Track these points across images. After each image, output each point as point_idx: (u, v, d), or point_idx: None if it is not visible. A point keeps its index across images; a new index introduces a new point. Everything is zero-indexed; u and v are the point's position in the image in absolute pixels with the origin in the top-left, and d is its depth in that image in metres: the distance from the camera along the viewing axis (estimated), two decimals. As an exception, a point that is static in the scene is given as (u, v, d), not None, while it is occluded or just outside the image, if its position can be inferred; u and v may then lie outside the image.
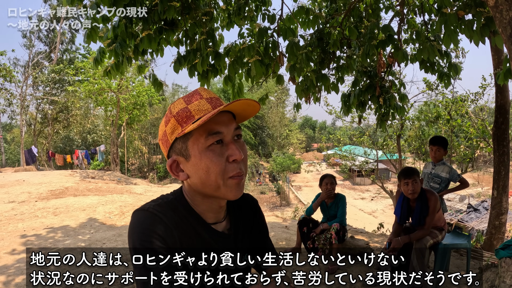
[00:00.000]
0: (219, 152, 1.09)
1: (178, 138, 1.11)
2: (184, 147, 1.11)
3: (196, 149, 1.09)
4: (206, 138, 1.08)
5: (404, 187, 3.81)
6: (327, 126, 77.61)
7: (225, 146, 1.11)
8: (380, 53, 4.83)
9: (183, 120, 1.09)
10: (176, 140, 1.12)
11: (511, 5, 2.60)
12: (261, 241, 1.41)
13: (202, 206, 1.18)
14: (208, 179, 1.10)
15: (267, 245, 1.42)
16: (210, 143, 1.08)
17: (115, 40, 4.27)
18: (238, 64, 4.65)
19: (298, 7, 5.12)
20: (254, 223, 1.39)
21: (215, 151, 1.09)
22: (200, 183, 1.12)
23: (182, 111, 1.10)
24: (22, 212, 8.89)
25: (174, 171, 1.15)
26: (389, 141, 15.13)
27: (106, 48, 4.36)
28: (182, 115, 1.10)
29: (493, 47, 6.36)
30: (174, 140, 1.12)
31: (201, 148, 1.08)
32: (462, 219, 15.06)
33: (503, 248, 3.59)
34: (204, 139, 1.08)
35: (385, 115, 5.75)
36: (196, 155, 1.09)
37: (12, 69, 26.15)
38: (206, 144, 1.08)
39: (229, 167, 1.10)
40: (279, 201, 30.42)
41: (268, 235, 1.45)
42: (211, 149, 1.08)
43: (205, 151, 1.08)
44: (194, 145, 1.09)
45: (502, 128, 6.28)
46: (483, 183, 30.63)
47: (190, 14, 4.39)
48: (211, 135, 1.08)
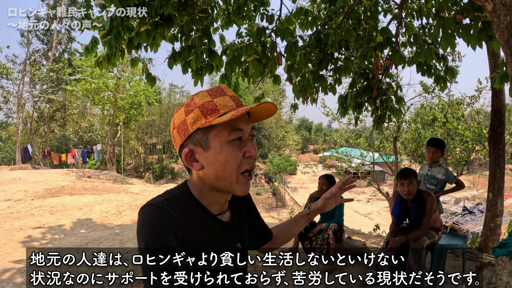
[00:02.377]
0: (238, 148, 1.15)
1: (200, 129, 1.14)
2: (205, 138, 1.14)
3: (217, 141, 1.13)
4: (229, 133, 1.13)
5: (400, 188, 3.85)
6: (323, 128, 77.64)
7: (243, 143, 1.16)
8: (377, 56, 4.86)
9: (208, 112, 1.13)
10: (197, 130, 1.14)
11: (509, 10, 2.63)
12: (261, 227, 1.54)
13: (208, 198, 1.22)
14: (224, 172, 1.14)
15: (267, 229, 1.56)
16: (232, 138, 1.13)
17: (110, 32, 4.28)
18: (235, 62, 4.67)
19: (297, 8, 5.14)
20: (251, 213, 1.49)
21: (235, 146, 1.14)
22: (215, 175, 1.16)
23: (207, 103, 1.13)
24: (18, 211, 8.86)
25: (188, 160, 1.18)
26: (385, 143, 15.17)
27: (101, 39, 4.36)
28: (207, 107, 1.13)
29: (490, 51, 6.40)
30: (195, 130, 1.15)
31: (223, 142, 1.13)
32: (457, 221, 15.13)
33: (499, 246, 3.64)
34: (228, 133, 1.13)
35: (381, 117, 5.78)
36: (216, 148, 1.13)
37: (9, 67, 26.01)
38: (228, 138, 1.13)
39: (244, 161, 1.16)
40: (275, 202, 30.40)
41: (262, 219, 1.56)
42: (232, 143, 1.14)
43: (226, 144, 1.13)
44: (216, 137, 1.13)
45: (498, 131, 6.32)
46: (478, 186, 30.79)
47: (186, 10, 4.39)
48: (234, 130, 1.13)
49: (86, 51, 4.58)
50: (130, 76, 25.17)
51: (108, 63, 4.61)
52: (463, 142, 12.47)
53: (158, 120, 38.69)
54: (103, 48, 4.64)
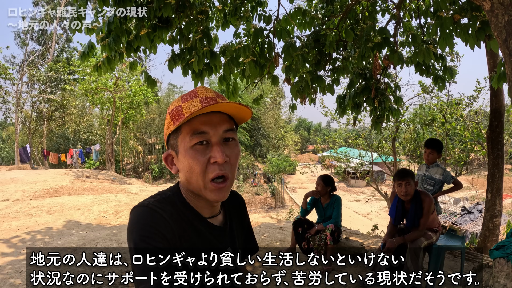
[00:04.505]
0: (201, 153, 1.11)
1: (171, 134, 1.16)
2: (175, 143, 1.15)
3: (182, 146, 1.13)
4: (191, 137, 1.11)
5: (398, 189, 3.84)
6: (322, 128, 77.61)
7: (210, 147, 1.12)
8: (376, 56, 4.86)
9: (175, 118, 1.13)
10: (170, 135, 1.17)
11: (507, 9, 2.63)
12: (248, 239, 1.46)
13: (196, 201, 1.21)
14: (190, 178, 1.13)
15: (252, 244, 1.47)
16: (194, 142, 1.11)
17: (108, 35, 4.26)
18: (233, 64, 4.66)
19: (295, 8, 5.13)
20: (244, 219, 1.44)
21: (198, 151, 1.11)
22: (185, 179, 1.16)
23: (176, 109, 1.14)
24: (17, 211, 8.85)
25: (169, 164, 1.20)
26: (384, 143, 15.17)
27: (100, 42, 4.35)
28: (175, 112, 1.13)
29: (488, 51, 6.40)
30: (168, 135, 1.17)
31: (186, 147, 1.12)
32: (456, 221, 15.12)
33: (497, 248, 3.63)
34: (189, 137, 1.11)
35: (380, 117, 5.77)
36: (182, 152, 1.13)
37: (8, 67, 25.94)
38: (190, 143, 1.11)
39: (210, 168, 1.12)
40: (273, 202, 30.39)
41: (252, 232, 1.49)
42: (194, 148, 1.11)
43: (189, 149, 1.11)
44: (181, 142, 1.13)
45: (497, 132, 6.31)
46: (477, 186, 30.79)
47: (184, 12, 4.38)
48: (196, 134, 1.11)
49: (82, 56, 4.57)
50: (129, 76, 25.14)
51: (108, 66, 4.60)
52: (462, 142, 12.47)
53: (157, 120, 38.64)
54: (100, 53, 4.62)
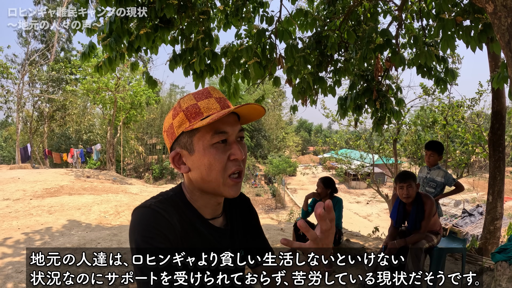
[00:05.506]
0: (222, 150, 1.13)
1: (184, 132, 1.15)
2: (189, 142, 1.14)
3: (201, 145, 1.12)
4: (212, 136, 1.11)
5: (399, 191, 3.83)
6: (323, 129, 77.50)
7: (228, 146, 1.14)
8: (377, 57, 4.85)
9: (192, 116, 1.13)
10: (183, 133, 1.15)
11: (510, 12, 2.62)
12: (258, 240, 1.44)
13: (200, 201, 1.21)
14: (209, 175, 1.13)
15: (265, 245, 1.44)
16: (216, 141, 1.12)
17: (110, 35, 4.27)
18: (235, 65, 4.66)
19: (297, 10, 5.13)
20: (249, 220, 1.43)
21: (219, 149, 1.12)
22: (201, 178, 1.15)
23: (191, 107, 1.14)
24: (17, 210, 8.85)
25: (176, 163, 1.19)
26: (385, 145, 15.16)
27: (101, 42, 4.35)
28: (191, 110, 1.13)
29: (490, 53, 6.39)
30: (181, 133, 1.15)
31: (206, 145, 1.12)
32: (456, 224, 15.10)
33: (499, 251, 3.62)
34: (210, 136, 1.11)
35: (381, 119, 5.76)
36: (200, 151, 1.13)
37: (9, 66, 25.98)
38: (211, 141, 1.12)
39: (229, 164, 1.14)
40: (274, 203, 30.39)
41: (263, 234, 1.47)
42: (215, 146, 1.12)
43: (209, 148, 1.12)
44: (199, 141, 1.13)
45: (498, 134, 6.30)
46: (478, 188, 30.77)
47: (186, 13, 4.38)
48: (217, 133, 1.12)
49: (83, 57, 4.57)
50: (131, 76, 25.17)
51: (109, 66, 4.59)
52: (463, 144, 12.47)
53: (158, 120, 38.69)
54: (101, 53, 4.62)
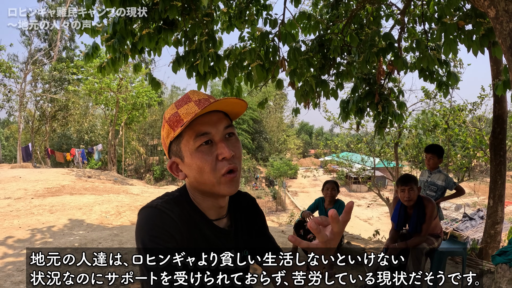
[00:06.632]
0: (208, 152, 1.13)
1: (172, 141, 1.18)
2: (178, 149, 1.17)
3: (187, 150, 1.14)
4: (194, 140, 1.13)
5: (401, 194, 3.84)
6: (325, 132, 77.37)
7: (215, 146, 1.15)
8: (380, 61, 4.86)
9: (174, 125, 1.15)
10: (171, 143, 1.18)
11: (511, 17, 2.64)
12: (264, 238, 1.44)
13: (203, 203, 1.23)
14: (202, 178, 1.15)
15: (271, 243, 1.44)
16: (199, 144, 1.13)
17: (113, 36, 4.28)
18: (238, 67, 4.67)
19: (300, 13, 5.14)
20: (254, 220, 1.43)
21: (204, 151, 1.13)
22: (196, 182, 1.17)
23: (173, 116, 1.16)
24: (18, 209, 8.86)
25: (174, 171, 1.21)
26: (386, 148, 15.16)
27: (105, 43, 4.36)
28: (172, 119, 1.16)
29: (492, 58, 6.41)
30: (170, 143, 1.19)
31: (191, 150, 1.14)
32: (457, 228, 15.09)
33: (499, 254, 3.63)
34: (193, 140, 1.13)
35: (383, 122, 5.77)
36: (188, 156, 1.15)
37: (12, 65, 26.03)
38: (195, 145, 1.13)
39: (219, 165, 1.14)
40: (275, 206, 30.37)
41: (269, 232, 1.47)
42: (200, 150, 1.13)
43: (195, 152, 1.13)
44: (185, 147, 1.15)
45: (499, 138, 6.32)
46: (479, 192, 30.71)
47: (190, 15, 4.40)
48: (199, 136, 1.13)
49: (86, 57, 4.58)
50: (133, 77, 25.21)
51: (112, 67, 4.60)
52: (464, 148, 12.45)
53: (159, 122, 38.71)
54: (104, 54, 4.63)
